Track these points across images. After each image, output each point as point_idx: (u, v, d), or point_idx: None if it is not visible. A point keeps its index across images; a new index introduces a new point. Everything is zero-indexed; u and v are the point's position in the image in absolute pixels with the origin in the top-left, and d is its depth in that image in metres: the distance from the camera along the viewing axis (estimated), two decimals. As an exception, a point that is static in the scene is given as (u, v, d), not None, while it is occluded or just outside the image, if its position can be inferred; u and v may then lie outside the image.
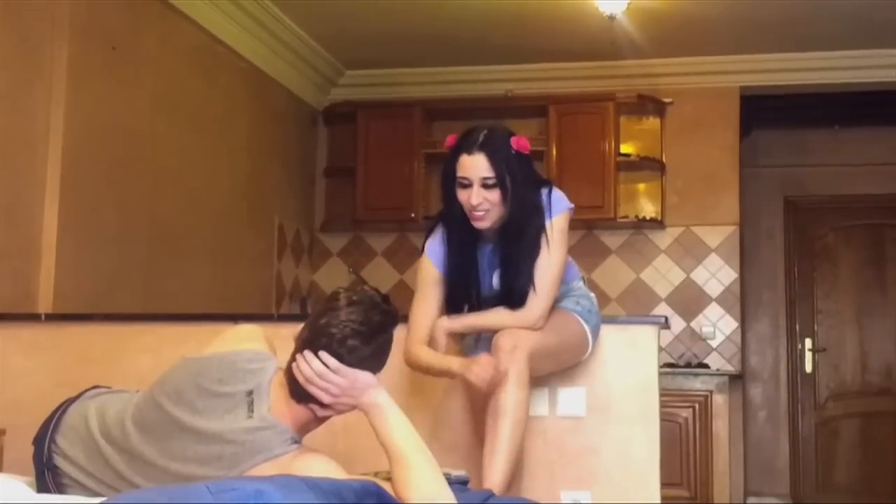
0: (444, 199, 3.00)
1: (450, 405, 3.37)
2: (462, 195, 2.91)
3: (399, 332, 2.32)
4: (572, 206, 3.04)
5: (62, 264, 4.18)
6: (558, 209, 3.00)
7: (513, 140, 2.93)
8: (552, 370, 3.17)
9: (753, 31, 6.20)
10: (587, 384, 3.35)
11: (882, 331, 7.51)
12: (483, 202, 2.88)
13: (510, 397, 2.83)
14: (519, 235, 2.95)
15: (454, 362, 2.90)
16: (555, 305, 3.07)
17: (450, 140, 2.99)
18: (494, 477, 2.77)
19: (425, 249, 3.09)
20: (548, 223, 2.97)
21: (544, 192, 3.00)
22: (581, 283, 3.23)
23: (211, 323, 3.40)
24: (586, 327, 3.12)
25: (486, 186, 2.87)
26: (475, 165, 2.87)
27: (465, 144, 2.91)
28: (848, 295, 7.59)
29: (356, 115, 6.93)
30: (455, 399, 3.35)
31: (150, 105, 4.86)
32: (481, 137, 2.90)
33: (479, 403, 3.02)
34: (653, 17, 5.85)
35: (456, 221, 2.99)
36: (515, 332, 2.92)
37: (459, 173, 2.90)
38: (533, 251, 2.95)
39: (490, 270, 3.04)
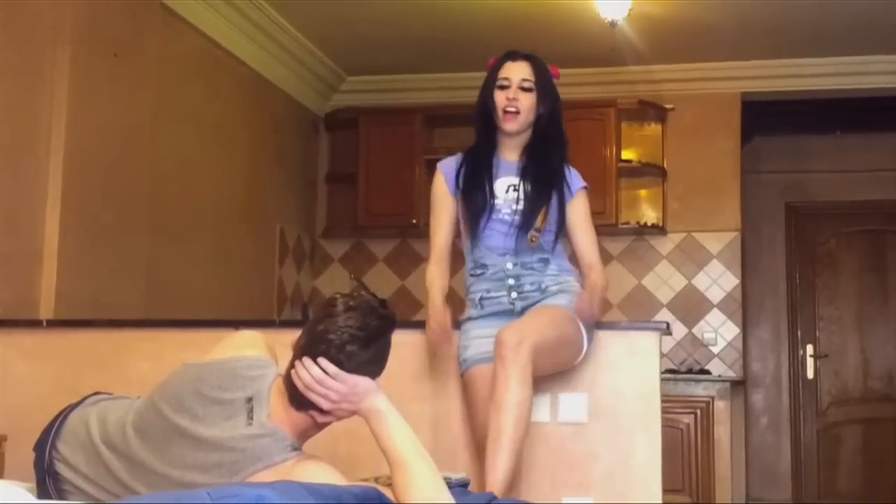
0: (479, 105, 3.22)
1: (449, 410, 3.37)
2: (499, 96, 3.16)
3: (398, 337, 2.31)
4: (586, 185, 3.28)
5: (63, 270, 4.18)
6: (579, 185, 3.25)
7: (550, 67, 3.26)
8: (551, 370, 3.16)
9: (755, 38, 6.21)
10: (589, 390, 3.35)
11: (883, 337, 7.50)
12: (517, 100, 3.13)
13: (513, 395, 2.83)
14: (545, 150, 3.20)
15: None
16: (549, 302, 3.09)
17: (493, 59, 3.26)
18: (497, 474, 2.77)
19: (438, 165, 3.34)
20: (572, 196, 3.21)
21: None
22: (574, 281, 3.22)
23: (212, 329, 3.40)
24: (581, 326, 3.12)
25: (523, 89, 3.14)
26: (518, 69, 3.17)
27: (511, 54, 3.22)
28: (849, 301, 7.59)
29: (357, 121, 6.95)
30: (454, 403, 3.35)
31: (152, 111, 4.86)
32: (527, 52, 3.23)
33: (479, 407, 3.03)
34: (654, 23, 5.85)
35: (480, 132, 3.24)
36: (520, 326, 2.94)
37: (501, 75, 3.17)
38: (555, 168, 3.19)
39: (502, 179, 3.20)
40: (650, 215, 6.79)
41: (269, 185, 6.39)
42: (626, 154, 6.71)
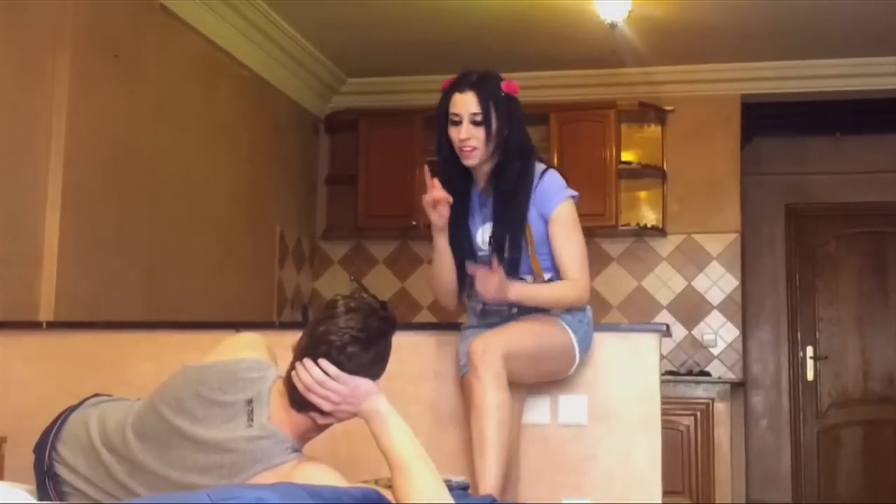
0: (438, 138, 3.10)
1: (450, 412, 3.37)
2: (453, 132, 3.02)
3: (398, 339, 2.31)
4: (575, 194, 3.13)
5: (64, 272, 4.18)
6: (558, 198, 3.07)
7: (503, 83, 3.07)
8: (536, 378, 3.16)
9: (754, 39, 6.21)
10: (588, 392, 3.35)
11: (883, 338, 7.50)
12: (471, 138, 2.99)
13: (490, 399, 2.84)
14: (510, 178, 3.04)
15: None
16: (542, 311, 3.08)
17: (445, 82, 3.10)
18: (487, 479, 2.77)
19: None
20: (552, 213, 3.05)
21: (539, 167, 3.12)
22: None
23: (212, 331, 3.40)
24: (573, 337, 3.08)
25: (474, 123, 2.99)
26: (465, 102, 3.00)
27: (458, 84, 3.04)
28: (849, 303, 7.59)
29: (357, 123, 6.95)
30: (455, 406, 3.35)
31: (152, 113, 4.86)
32: (473, 78, 3.04)
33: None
34: (654, 24, 5.85)
35: (447, 161, 3.09)
36: (488, 335, 2.94)
37: (451, 110, 3.02)
38: (523, 194, 3.04)
39: (481, 221, 3.11)
40: (650, 217, 6.79)
41: (270, 186, 6.39)
42: (626, 156, 6.71)
